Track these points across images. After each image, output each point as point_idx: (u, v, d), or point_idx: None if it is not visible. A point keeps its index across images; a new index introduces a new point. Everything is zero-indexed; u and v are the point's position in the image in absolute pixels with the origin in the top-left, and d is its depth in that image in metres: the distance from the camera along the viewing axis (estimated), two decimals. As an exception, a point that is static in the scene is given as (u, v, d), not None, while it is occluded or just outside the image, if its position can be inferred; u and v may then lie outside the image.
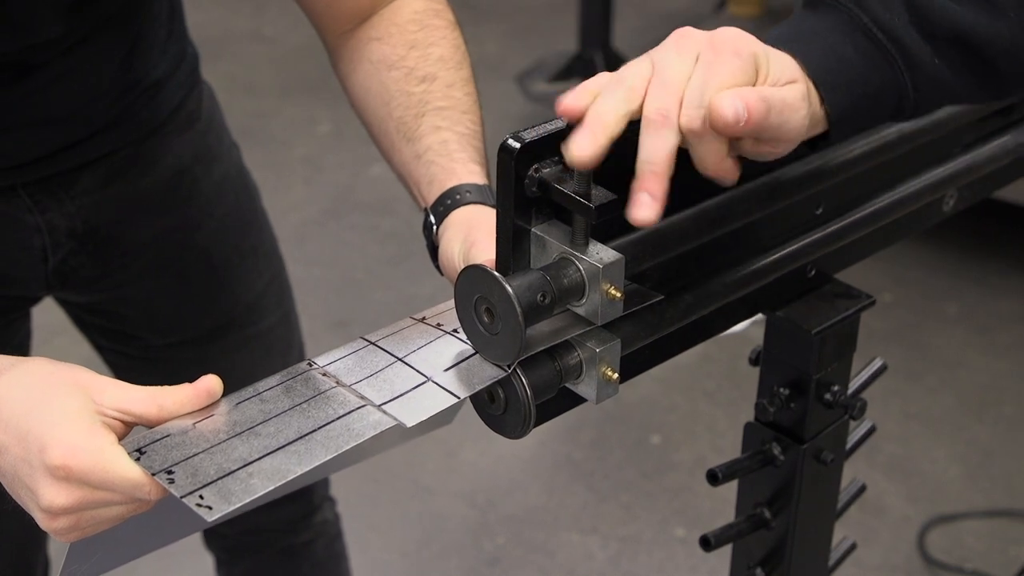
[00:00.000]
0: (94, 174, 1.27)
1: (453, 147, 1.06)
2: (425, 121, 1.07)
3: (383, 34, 1.14)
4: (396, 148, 1.09)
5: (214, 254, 1.41)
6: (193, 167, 1.36)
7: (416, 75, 1.11)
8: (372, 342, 0.87)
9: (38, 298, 1.38)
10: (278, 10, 4.57)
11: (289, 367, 0.86)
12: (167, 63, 1.30)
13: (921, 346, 2.90)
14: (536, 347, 0.80)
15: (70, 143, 1.23)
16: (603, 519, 2.47)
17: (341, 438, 0.79)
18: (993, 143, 1.08)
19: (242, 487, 0.75)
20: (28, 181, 1.23)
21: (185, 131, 1.35)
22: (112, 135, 1.27)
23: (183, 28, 1.35)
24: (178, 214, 1.37)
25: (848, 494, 1.14)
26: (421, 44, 1.12)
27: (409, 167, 1.07)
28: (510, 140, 0.76)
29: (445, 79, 1.10)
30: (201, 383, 0.83)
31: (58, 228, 1.27)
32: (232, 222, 1.43)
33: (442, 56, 1.12)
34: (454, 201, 1.01)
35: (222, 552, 1.72)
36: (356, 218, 3.44)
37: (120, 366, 1.51)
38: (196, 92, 1.37)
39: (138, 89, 1.27)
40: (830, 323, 1.00)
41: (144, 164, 1.31)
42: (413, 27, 1.14)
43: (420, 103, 1.09)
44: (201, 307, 1.43)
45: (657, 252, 0.84)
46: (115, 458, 0.78)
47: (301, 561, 1.67)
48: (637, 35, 4.10)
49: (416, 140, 1.07)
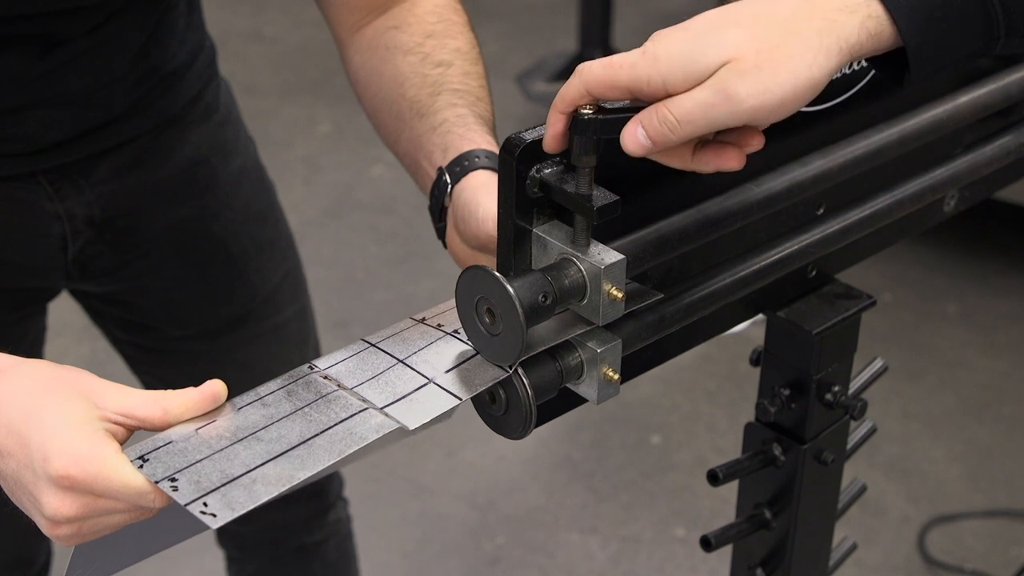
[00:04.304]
0: (113, 163, 1.28)
1: (470, 120, 1.05)
2: (441, 98, 1.07)
3: (400, 23, 1.14)
4: (407, 126, 1.08)
5: (231, 245, 1.42)
6: (210, 158, 1.37)
7: (432, 60, 1.10)
8: (373, 344, 0.87)
9: (56, 291, 1.39)
10: (278, 10, 4.57)
11: (294, 369, 0.86)
12: (185, 53, 1.31)
13: (921, 346, 2.90)
14: (537, 348, 0.80)
15: (89, 128, 1.24)
16: (603, 519, 2.47)
17: (344, 442, 0.79)
18: (994, 144, 1.08)
19: (246, 494, 0.75)
20: (48, 168, 1.24)
21: (203, 122, 1.36)
22: (130, 123, 1.28)
23: (201, 20, 1.36)
24: (196, 205, 1.38)
25: (848, 494, 1.14)
26: (439, 35, 1.12)
27: (421, 140, 1.06)
28: (512, 140, 0.76)
29: (462, 67, 1.10)
30: (206, 387, 0.82)
31: (77, 216, 1.28)
32: (249, 214, 1.44)
33: (459, 48, 1.12)
34: (471, 163, 1.00)
35: (235, 550, 1.72)
36: (356, 218, 3.44)
37: (136, 359, 1.52)
38: (214, 85, 1.39)
39: (156, 77, 1.28)
40: (831, 323, 1.00)
41: (162, 154, 1.32)
42: (432, 18, 1.14)
43: (435, 83, 1.08)
44: (218, 298, 1.44)
45: (658, 252, 0.84)
46: (118, 467, 0.77)
47: (312, 560, 1.68)
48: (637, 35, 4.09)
49: (431, 115, 1.06)
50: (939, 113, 0.99)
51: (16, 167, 1.23)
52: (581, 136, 0.75)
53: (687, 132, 0.72)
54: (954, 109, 1.00)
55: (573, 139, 0.75)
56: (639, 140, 0.73)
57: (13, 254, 1.29)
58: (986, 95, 1.02)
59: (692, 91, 0.72)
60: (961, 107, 1.01)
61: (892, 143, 0.97)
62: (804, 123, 0.91)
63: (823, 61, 0.71)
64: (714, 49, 0.71)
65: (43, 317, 1.43)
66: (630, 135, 0.73)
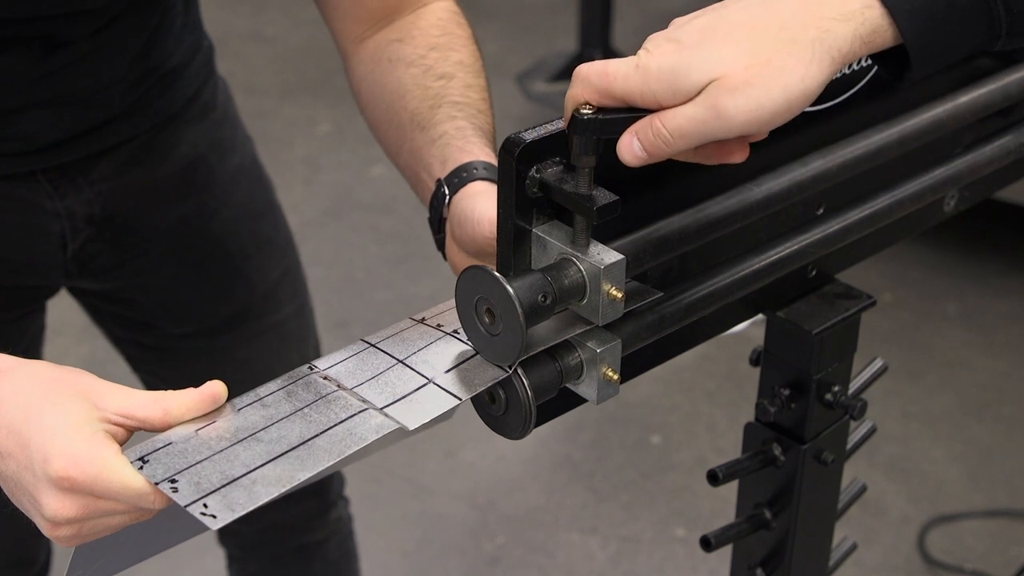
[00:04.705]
0: (112, 161, 1.29)
1: (469, 133, 1.06)
2: (441, 111, 1.07)
3: (404, 36, 1.14)
4: (408, 137, 1.09)
5: (230, 243, 1.42)
6: (208, 156, 1.38)
7: (434, 72, 1.11)
8: (372, 344, 0.87)
9: (54, 289, 1.40)
10: (278, 10, 4.57)
11: (294, 370, 0.86)
12: (183, 53, 1.32)
13: (921, 346, 2.90)
14: (537, 348, 0.80)
15: (89, 128, 1.25)
16: (603, 519, 2.47)
17: (344, 443, 0.79)
18: (994, 143, 1.08)
19: (246, 495, 0.75)
20: (47, 167, 1.25)
21: (200, 121, 1.37)
22: (129, 122, 1.28)
23: (198, 19, 1.37)
24: (194, 202, 1.38)
25: (848, 494, 1.14)
26: (442, 47, 1.13)
27: (421, 152, 1.07)
28: (511, 140, 0.76)
29: (463, 80, 1.11)
30: (206, 388, 0.82)
31: (77, 214, 1.29)
32: (247, 212, 1.44)
33: (462, 60, 1.13)
34: (470, 174, 1.00)
35: (236, 549, 1.72)
36: (356, 218, 3.44)
37: (137, 357, 1.52)
38: (211, 83, 1.39)
39: (155, 76, 1.29)
40: (830, 323, 1.00)
41: (160, 152, 1.33)
42: (435, 31, 1.14)
43: (437, 96, 1.09)
44: (217, 296, 1.45)
45: (658, 252, 0.84)
46: (118, 468, 0.77)
47: (313, 560, 1.68)
48: (637, 35, 4.10)
49: (431, 127, 1.07)
50: (939, 113, 0.99)
51: (15, 166, 1.23)
52: (581, 136, 0.75)
53: (681, 145, 0.73)
54: (954, 109, 1.00)
55: (573, 139, 0.75)
56: (635, 152, 0.74)
57: (12, 252, 1.29)
58: (986, 95, 1.02)
59: (684, 107, 0.72)
60: (961, 107, 1.00)
61: (892, 143, 0.97)
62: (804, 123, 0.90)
63: (815, 72, 0.71)
64: (702, 66, 0.71)
65: (42, 315, 1.43)
66: (626, 146, 0.74)
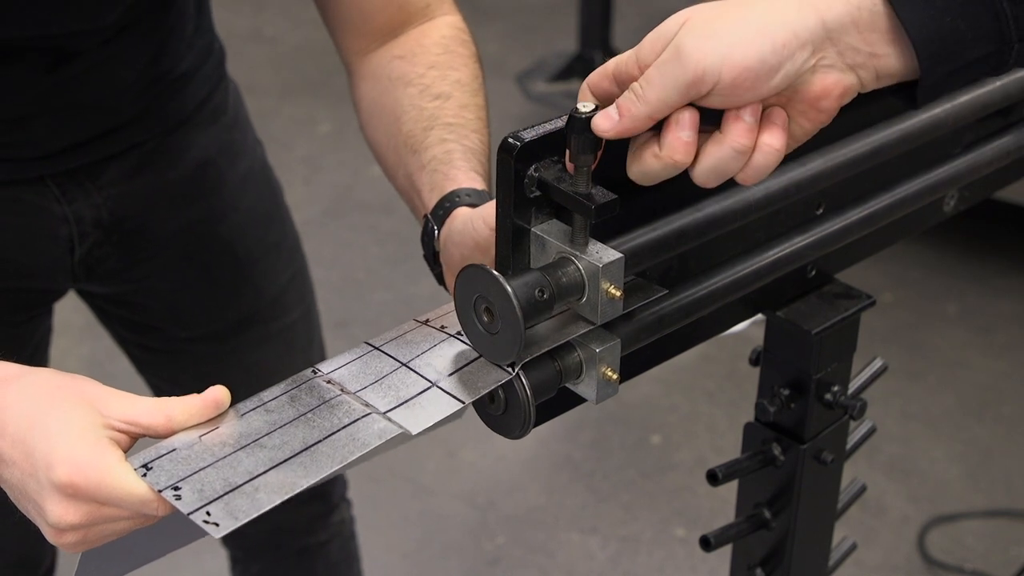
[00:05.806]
0: (121, 165, 1.29)
1: (456, 156, 1.06)
2: (433, 134, 1.08)
3: (407, 53, 1.14)
4: (403, 162, 1.09)
5: (238, 247, 1.42)
6: (218, 160, 1.38)
7: (431, 92, 1.11)
8: (376, 347, 0.87)
9: (62, 292, 1.40)
10: (278, 10, 4.57)
11: (297, 374, 0.86)
12: (194, 57, 1.32)
13: (921, 346, 2.90)
14: (537, 349, 0.80)
15: (98, 133, 1.25)
16: (603, 519, 2.47)
17: (347, 448, 0.78)
18: (994, 143, 1.08)
19: (248, 502, 0.75)
20: (56, 172, 1.25)
21: (211, 125, 1.36)
22: (139, 127, 1.28)
23: (210, 23, 1.37)
24: (203, 206, 1.38)
25: (848, 494, 1.14)
26: (442, 66, 1.13)
27: (413, 178, 1.07)
28: (510, 140, 0.76)
29: (459, 100, 1.11)
30: (209, 394, 0.82)
31: (85, 218, 1.29)
32: (256, 216, 1.44)
33: (460, 79, 1.12)
34: (453, 203, 1.01)
35: (238, 550, 1.73)
36: (356, 218, 3.44)
37: (143, 360, 1.52)
38: (222, 87, 1.39)
39: (165, 81, 1.28)
40: (830, 323, 1.00)
41: (170, 156, 1.33)
42: (437, 49, 1.14)
43: (430, 117, 1.09)
44: (225, 300, 1.44)
45: (657, 251, 0.84)
46: (122, 475, 0.77)
47: (316, 561, 1.68)
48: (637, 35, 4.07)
49: (422, 151, 1.07)
50: (939, 113, 0.99)
51: (24, 171, 1.23)
52: (579, 135, 0.75)
53: (650, 97, 0.73)
54: (954, 109, 1.00)
55: (571, 138, 0.75)
56: (609, 114, 0.74)
57: (20, 255, 1.29)
58: (986, 95, 1.02)
59: None
60: (961, 107, 1.00)
61: (892, 143, 0.97)
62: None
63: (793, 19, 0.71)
64: (677, 17, 0.74)
65: (49, 318, 1.43)
66: (601, 113, 0.75)
